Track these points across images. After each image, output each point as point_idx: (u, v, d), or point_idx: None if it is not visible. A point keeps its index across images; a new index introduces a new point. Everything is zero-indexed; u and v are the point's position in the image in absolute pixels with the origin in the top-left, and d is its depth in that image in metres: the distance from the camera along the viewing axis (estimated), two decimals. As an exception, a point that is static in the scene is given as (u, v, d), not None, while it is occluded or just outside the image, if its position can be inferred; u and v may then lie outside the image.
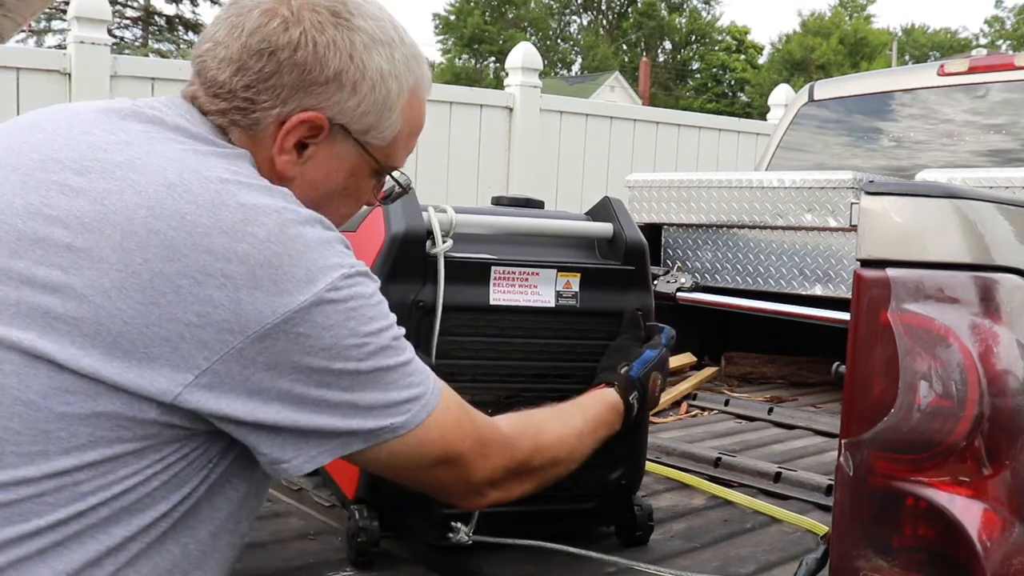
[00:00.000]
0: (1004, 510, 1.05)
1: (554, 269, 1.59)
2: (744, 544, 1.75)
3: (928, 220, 1.08)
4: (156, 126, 1.01)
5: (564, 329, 1.61)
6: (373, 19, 1.08)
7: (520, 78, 5.86)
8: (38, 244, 0.92)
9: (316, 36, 1.04)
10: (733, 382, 3.18)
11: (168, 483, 0.96)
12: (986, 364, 1.05)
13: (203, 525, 1.00)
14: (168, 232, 0.91)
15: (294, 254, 0.93)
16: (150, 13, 29.36)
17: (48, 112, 1.08)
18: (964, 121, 3.38)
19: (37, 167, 0.96)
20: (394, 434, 1.01)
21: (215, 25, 1.08)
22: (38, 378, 0.89)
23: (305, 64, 1.04)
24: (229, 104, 1.05)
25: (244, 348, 0.92)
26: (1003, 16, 51.09)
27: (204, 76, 1.07)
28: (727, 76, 47.26)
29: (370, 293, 0.99)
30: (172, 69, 5.01)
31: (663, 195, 3.01)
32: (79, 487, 0.91)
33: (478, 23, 46.64)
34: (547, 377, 1.61)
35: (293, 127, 1.06)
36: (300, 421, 0.96)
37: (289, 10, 1.04)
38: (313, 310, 0.93)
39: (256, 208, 0.94)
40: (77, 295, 0.89)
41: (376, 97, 1.09)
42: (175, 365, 0.90)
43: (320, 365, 0.95)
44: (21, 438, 0.89)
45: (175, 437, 0.94)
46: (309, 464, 0.99)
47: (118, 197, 0.93)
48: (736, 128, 7.08)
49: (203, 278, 0.90)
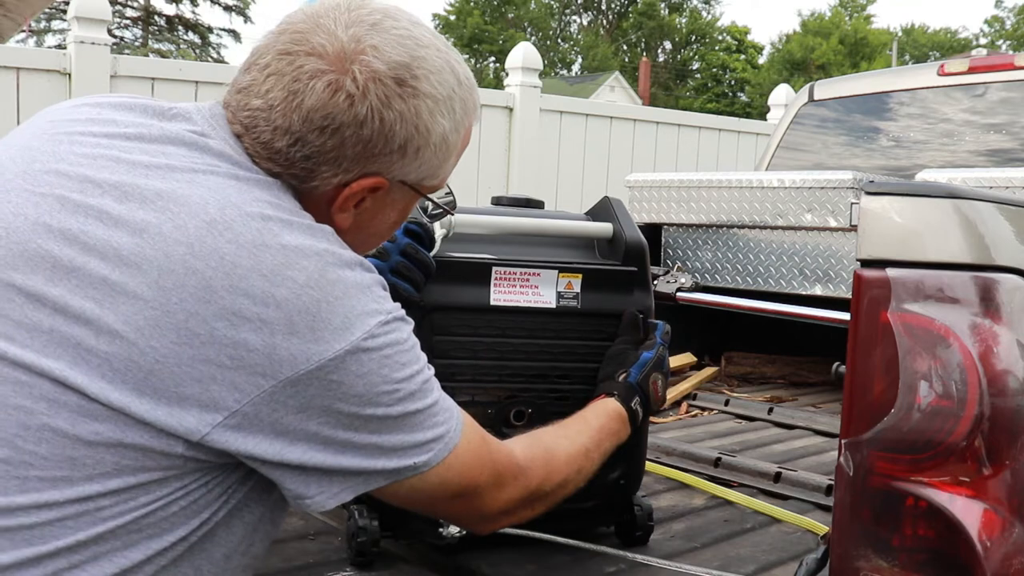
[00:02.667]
0: (1004, 510, 1.05)
1: (555, 270, 1.59)
2: (744, 544, 1.75)
3: (928, 220, 1.08)
4: (199, 151, 0.98)
5: (565, 330, 1.60)
6: (435, 74, 1.03)
7: (520, 78, 5.86)
8: (74, 273, 0.90)
9: (383, 111, 1.00)
10: (733, 382, 3.18)
11: (187, 508, 0.95)
12: (986, 364, 1.05)
13: (218, 548, 1.00)
14: (206, 272, 0.89)
15: (332, 300, 0.92)
16: (150, 13, 29.36)
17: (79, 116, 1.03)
18: (964, 121, 3.38)
19: (75, 188, 0.94)
20: (416, 472, 1.01)
21: (264, 75, 1.00)
22: (68, 406, 0.89)
23: (371, 139, 1.01)
24: (285, 170, 1.01)
25: (276, 392, 0.91)
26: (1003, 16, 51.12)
27: (255, 135, 1.01)
28: (727, 76, 47.24)
29: (405, 339, 0.98)
30: (172, 69, 4.99)
31: (663, 195, 3.01)
32: (100, 512, 0.91)
33: (478, 23, 46.63)
34: (547, 378, 1.61)
35: (354, 192, 1.04)
36: (326, 461, 0.96)
37: (355, 85, 0.98)
38: (348, 358, 0.92)
39: (297, 251, 0.93)
40: (110, 330, 0.89)
41: (438, 155, 1.07)
42: (204, 405, 0.90)
43: (351, 411, 0.94)
44: (47, 463, 0.89)
45: (198, 468, 0.94)
46: (332, 501, 0.99)
47: (157, 231, 0.91)
48: (736, 128, 7.08)
49: (239, 321, 0.89)
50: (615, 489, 1.67)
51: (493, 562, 1.57)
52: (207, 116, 1.04)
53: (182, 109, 1.05)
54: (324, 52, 0.99)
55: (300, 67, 0.99)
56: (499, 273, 1.56)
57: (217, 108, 1.05)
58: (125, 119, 1.02)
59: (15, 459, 0.89)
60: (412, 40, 1.03)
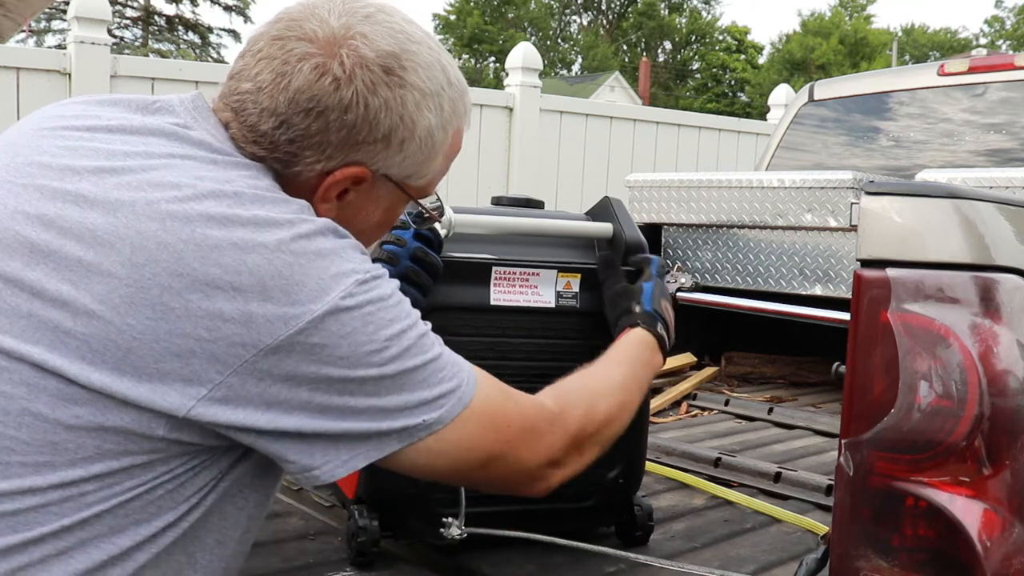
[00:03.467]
0: (1004, 510, 1.05)
1: (555, 270, 1.59)
2: (744, 544, 1.75)
3: (928, 220, 1.08)
4: (179, 141, 0.99)
5: (564, 329, 1.61)
6: (424, 68, 1.04)
7: (520, 78, 5.86)
8: (50, 257, 0.91)
9: (368, 97, 1.01)
10: (733, 382, 3.18)
11: (174, 493, 0.95)
12: (986, 364, 1.05)
13: (211, 535, 0.99)
14: (177, 245, 0.90)
15: (305, 263, 0.92)
16: (150, 13, 29.36)
17: (65, 113, 1.05)
18: (964, 121, 3.38)
19: (55, 177, 0.95)
20: (429, 430, 0.97)
21: (256, 59, 1.02)
22: (47, 390, 0.89)
23: (355, 125, 1.01)
24: (269, 153, 1.02)
25: (257, 361, 0.90)
26: (1003, 16, 51.13)
27: (242, 118, 1.02)
28: (727, 76, 47.25)
29: (388, 295, 0.97)
30: (172, 69, 4.99)
31: (663, 195, 3.00)
32: (84, 498, 0.91)
33: (478, 23, 46.62)
34: (547, 377, 1.61)
35: (337, 181, 1.04)
36: (326, 427, 0.94)
37: (342, 68, 1.00)
38: (328, 319, 0.91)
39: (269, 220, 0.93)
40: (87, 311, 0.89)
41: (423, 150, 1.07)
42: (187, 380, 0.89)
43: (340, 375, 0.93)
44: (28, 448, 0.89)
45: (184, 451, 0.94)
46: (342, 469, 0.96)
47: (130, 209, 0.91)
48: (736, 128, 7.08)
49: (212, 291, 0.89)
50: (615, 489, 1.67)
51: (493, 562, 1.57)
52: (190, 108, 1.05)
53: (165, 102, 1.06)
54: (315, 37, 1.01)
55: (290, 51, 1.01)
56: (499, 273, 1.57)
57: (200, 100, 1.06)
58: (108, 113, 1.04)
59: None
60: (403, 35, 1.04)
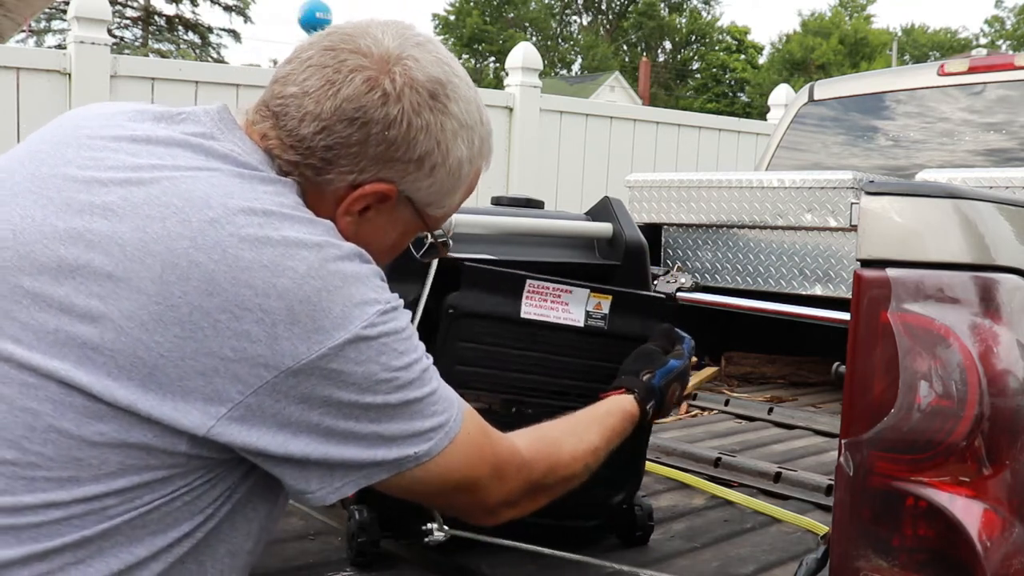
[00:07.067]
0: (1004, 510, 1.05)
1: (587, 289, 1.59)
2: (744, 544, 1.75)
3: (928, 220, 1.08)
4: (205, 154, 1.00)
5: (589, 349, 1.60)
6: (464, 102, 1.09)
7: (520, 78, 5.86)
8: (78, 271, 0.91)
9: (412, 117, 1.04)
10: (733, 382, 3.18)
11: (191, 505, 0.96)
12: (986, 364, 1.05)
13: (222, 544, 1.01)
14: (209, 265, 0.90)
15: (332, 290, 0.94)
16: (150, 13, 29.37)
17: (90, 122, 1.05)
18: (964, 121, 3.38)
19: (82, 189, 0.96)
20: (417, 462, 1.01)
21: (304, 66, 1.04)
22: (73, 407, 0.90)
23: (394, 142, 1.04)
24: (304, 159, 1.03)
25: (278, 383, 0.92)
26: (1003, 16, 51.12)
27: (283, 122, 1.04)
28: (727, 76, 47.23)
29: (402, 328, 1.00)
30: (172, 69, 4.99)
31: (663, 195, 3.00)
32: (106, 511, 0.92)
33: (477, 23, 46.61)
34: (566, 395, 1.59)
35: (364, 194, 1.06)
36: (328, 453, 0.97)
37: (392, 85, 1.03)
38: (348, 347, 0.94)
39: (298, 242, 0.94)
40: (114, 326, 0.89)
41: (450, 180, 1.10)
42: (208, 398, 0.91)
43: (351, 399, 0.95)
44: (53, 464, 0.90)
45: (202, 465, 0.95)
46: (333, 495, 0.99)
47: (161, 225, 0.92)
48: (736, 128, 7.08)
49: (242, 312, 0.90)
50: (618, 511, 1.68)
51: (493, 562, 1.57)
52: (215, 119, 1.06)
53: (190, 113, 1.07)
54: (368, 52, 1.04)
55: (343, 61, 1.03)
56: (532, 287, 1.56)
57: (226, 112, 1.08)
58: (133, 124, 1.04)
59: (22, 460, 0.90)
60: (449, 67, 1.09)
